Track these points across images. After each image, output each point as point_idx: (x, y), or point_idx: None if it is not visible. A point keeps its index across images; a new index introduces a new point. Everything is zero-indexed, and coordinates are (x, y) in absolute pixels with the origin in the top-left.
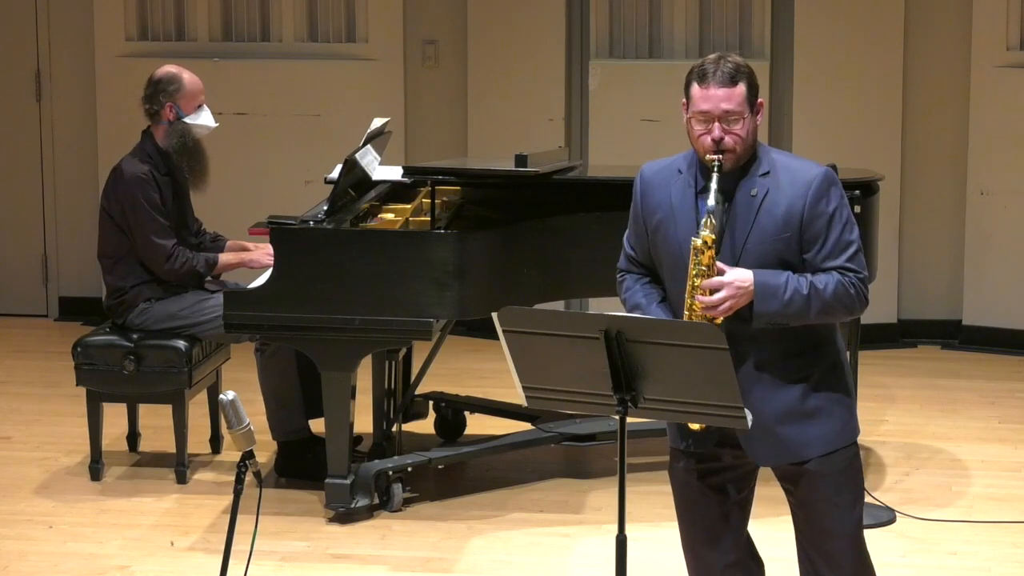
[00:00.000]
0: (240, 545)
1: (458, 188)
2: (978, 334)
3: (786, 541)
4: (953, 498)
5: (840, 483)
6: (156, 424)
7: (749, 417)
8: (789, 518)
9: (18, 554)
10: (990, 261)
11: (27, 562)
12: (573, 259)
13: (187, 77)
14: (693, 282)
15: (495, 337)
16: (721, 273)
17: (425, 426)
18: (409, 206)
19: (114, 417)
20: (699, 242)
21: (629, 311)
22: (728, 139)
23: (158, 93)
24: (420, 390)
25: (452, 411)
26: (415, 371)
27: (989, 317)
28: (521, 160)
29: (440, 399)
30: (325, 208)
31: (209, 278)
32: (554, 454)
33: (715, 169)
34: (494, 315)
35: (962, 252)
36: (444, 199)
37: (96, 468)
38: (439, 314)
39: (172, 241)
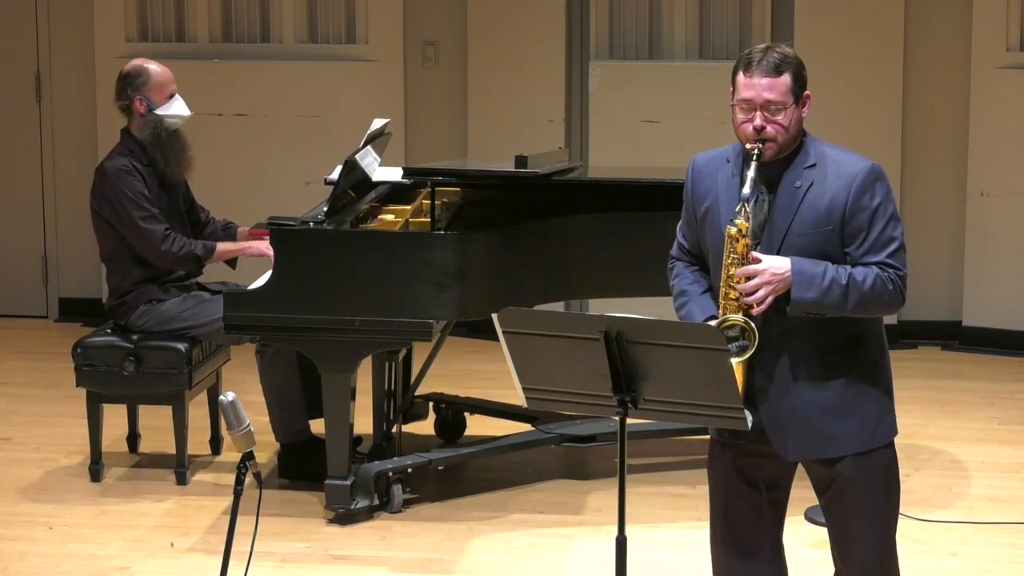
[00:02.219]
0: (240, 546)
1: (458, 189)
2: (978, 335)
3: (800, 539)
4: (953, 499)
5: (874, 488)
6: (156, 425)
7: (749, 418)
8: (797, 519)
9: (18, 555)
10: (990, 262)
11: (27, 563)
12: (573, 260)
13: (153, 68)
14: (728, 271)
15: (495, 338)
16: (756, 262)
17: (425, 427)
18: (409, 207)
19: (114, 418)
20: (733, 230)
21: (675, 296)
22: (770, 128)
23: (126, 87)
24: (420, 391)
25: (452, 412)
26: (415, 372)
27: (989, 318)
28: (521, 161)
29: (440, 400)
30: (325, 209)
31: (210, 283)
32: (554, 455)
33: (754, 157)
34: (494, 316)
35: (962, 253)
36: (444, 200)
37: (96, 469)
38: (439, 315)
39: (163, 226)
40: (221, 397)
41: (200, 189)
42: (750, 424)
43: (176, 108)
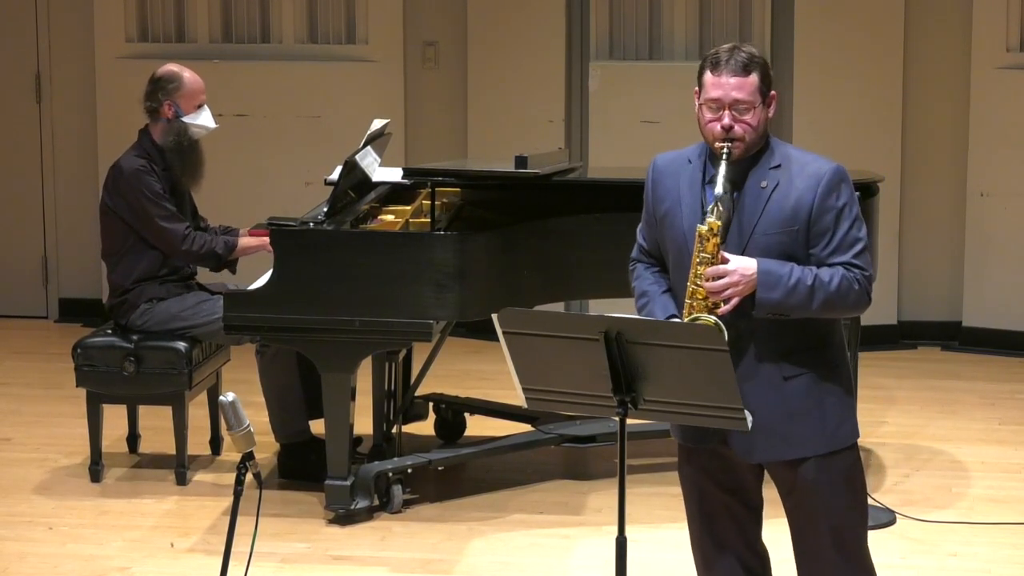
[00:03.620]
0: (240, 546)
1: (458, 189)
2: (978, 335)
3: (786, 541)
4: (953, 499)
5: (836, 490)
6: (156, 425)
7: (749, 419)
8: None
9: (18, 555)
10: (990, 262)
11: (27, 563)
12: (573, 260)
13: (188, 76)
14: (696, 270)
15: (495, 339)
16: (725, 261)
17: (425, 427)
18: (409, 207)
19: (114, 419)
20: (704, 229)
21: (637, 297)
22: (738, 128)
23: (157, 91)
24: (420, 391)
25: (452, 412)
26: (415, 372)
27: (989, 318)
28: (521, 161)
29: (440, 400)
30: (325, 209)
31: (211, 283)
32: (554, 455)
33: (724, 157)
34: (494, 316)
35: (962, 253)
36: (444, 200)
37: (96, 469)
38: (439, 315)
39: (184, 224)
40: (221, 397)
41: (200, 189)
42: (750, 424)
43: (203, 119)
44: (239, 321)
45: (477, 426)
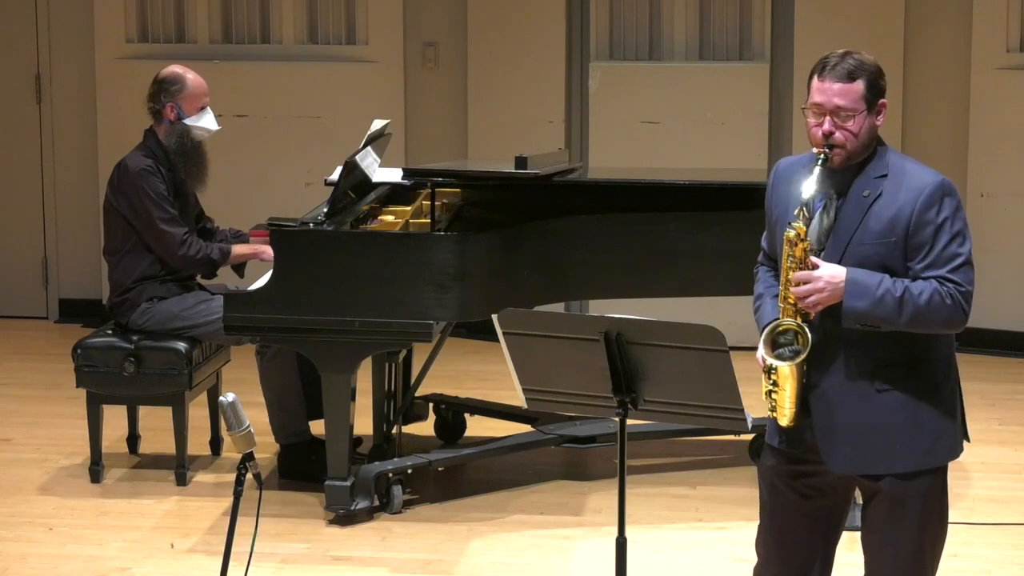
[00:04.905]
0: (240, 547)
1: (458, 190)
2: (978, 336)
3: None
4: (953, 500)
5: (912, 511)
6: (156, 426)
7: (749, 420)
8: None
9: (18, 556)
10: (990, 263)
11: (27, 564)
12: (573, 261)
13: (191, 78)
14: (786, 274)
15: (495, 339)
16: (815, 267)
17: (425, 428)
18: (409, 208)
19: (114, 419)
20: (792, 233)
21: (754, 300)
22: (839, 135)
23: (160, 92)
24: (420, 392)
25: (452, 413)
26: (415, 373)
27: (989, 319)
28: (521, 162)
29: (440, 401)
30: (325, 210)
31: (211, 284)
32: (554, 456)
33: (820, 162)
34: (494, 317)
35: None
36: (444, 201)
37: (96, 470)
38: (439, 316)
39: (183, 229)
40: (221, 398)
41: (206, 190)
42: (750, 424)
43: (205, 121)
44: (239, 321)
45: (477, 427)
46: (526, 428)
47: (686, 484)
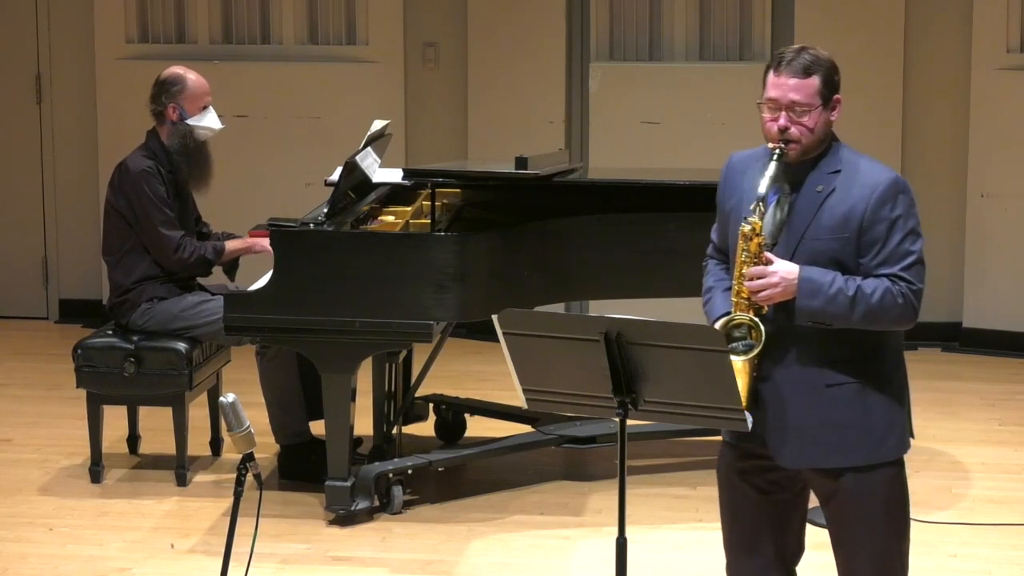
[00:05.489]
0: (240, 547)
1: (458, 190)
2: (978, 337)
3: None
4: (953, 500)
5: (874, 503)
6: (156, 426)
7: (749, 420)
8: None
9: (18, 556)
10: (990, 264)
11: (27, 564)
12: (573, 261)
13: (192, 78)
14: (740, 269)
15: (495, 339)
16: (769, 262)
17: (425, 428)
18: (409, 208)
19: (114, 419)
20: (747, 228)
21: (703, 293)
22: (794, 130)
23: (161, 94)
24: (420, 392)
25: (452, 413)
26: (415, 373)
27: (989, 320)
28: (521, 162)
29: (440, 401)
30: (325, 210)
31: (211, 284)
32: (554, 456)
33: (774, 157)
34: (494, 317)
35: (962, 255)
36: (444, 201)
37: (96, 470)
38: (439, 316)
39: (180, 233)
40: (221, 398)
41: (208, 191)
42: (750, 425)
43: (208, 120)
44: (239, 322)
45: (477, 427)
46: (526, 428)
47: (686, 484)
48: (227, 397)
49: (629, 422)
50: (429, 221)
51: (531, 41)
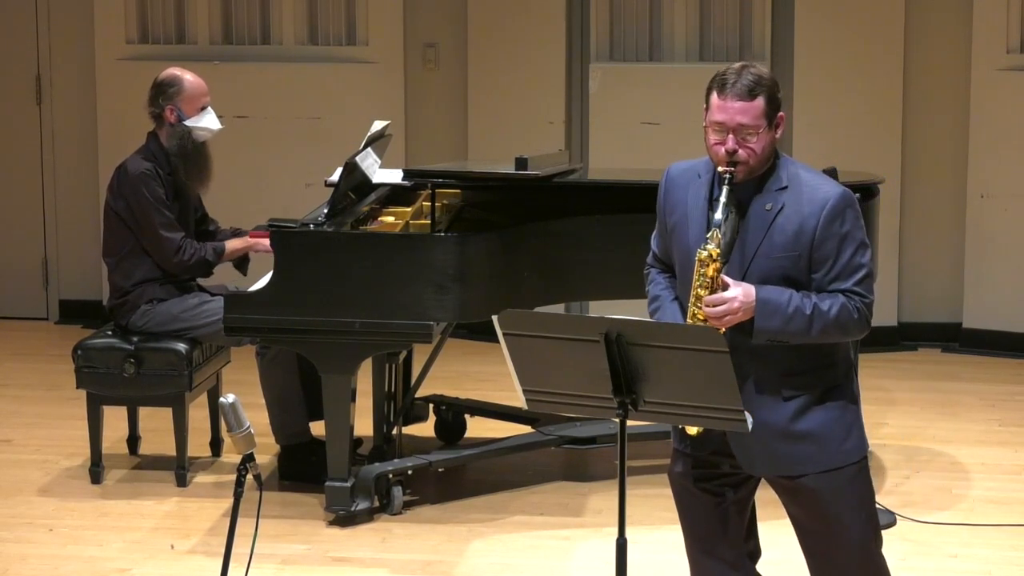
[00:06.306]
0: (240, 548)
1: (458, 191)
2: (978, 337)
3: (784, 543)
4: (953, 501)
5: (840, 498)
6: (156, 427)
7: (750, 420)
8: (788, 519)
9: (18, 557)
10: (990, 264)
11: (27, 565)
12: (573, 262)
13: (188, 79)
14: (697, 292)
15: (495, 340)
16: (725, 286)
17: (425, 429)
18: (409, 209)
19: (114, 420)
20: (704, 255)
21: (649, 302)
22: (742, 152)
23: (159, 96)
24: (420, 393)
25: (452, 414)
26: (415, 374)
27: (989, 320)
28: (521, 163)
29: (440, 402)
30: (325, 211)
31: (211, 285)
32: (554, 457)
33: (726, 182)
34: (494, 318)
35: (962, 255)
36: (444, 202)
37: (96, 471)
38: (439, 317)
39: (180, 234)
40: (221, 399)
41: (209, 191)
42: (750, 426)
43: (206, 121)
44: (239, 322)
45: (477, 428)
46: (526, 429)
47: None
48: (227, 398)
49: (629, 423)
50: (429, 222)
51: (531, 42)
